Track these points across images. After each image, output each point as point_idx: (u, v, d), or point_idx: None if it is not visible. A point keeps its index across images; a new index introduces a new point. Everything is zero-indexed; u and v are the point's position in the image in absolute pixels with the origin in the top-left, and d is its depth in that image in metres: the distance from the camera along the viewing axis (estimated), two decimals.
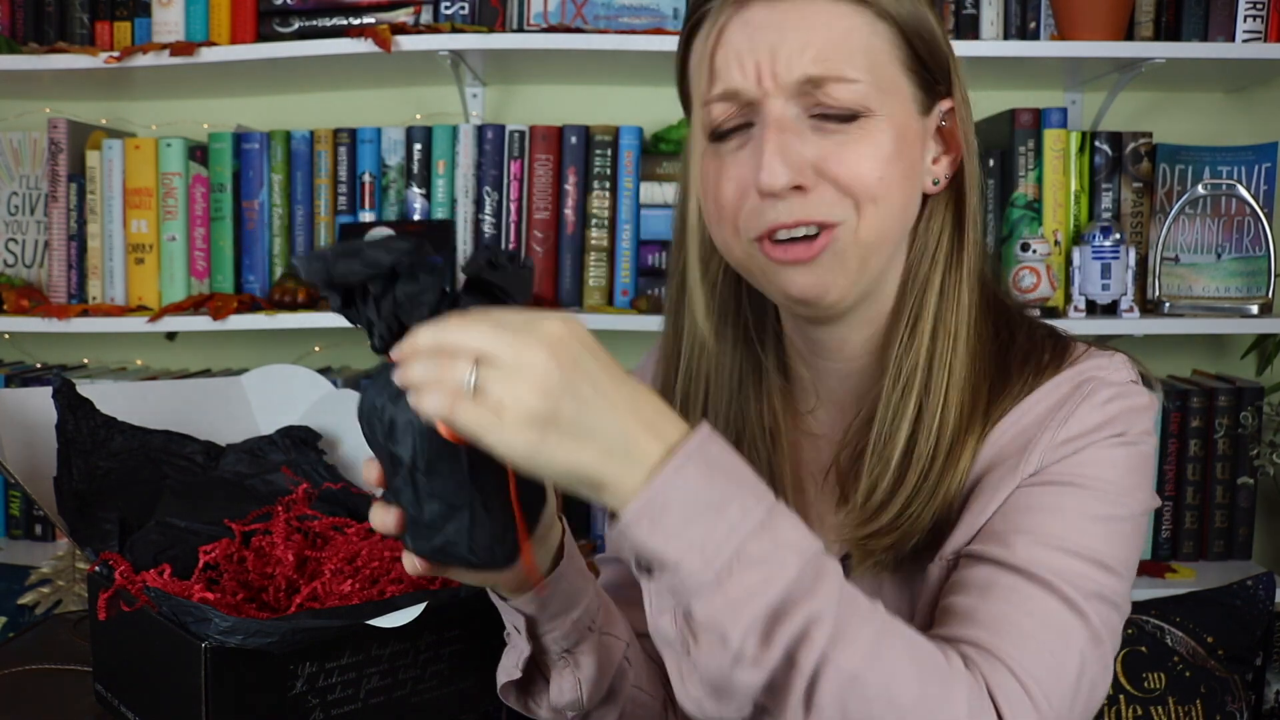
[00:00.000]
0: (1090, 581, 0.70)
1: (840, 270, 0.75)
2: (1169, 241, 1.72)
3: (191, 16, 1.74)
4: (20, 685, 1.08)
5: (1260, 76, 1.82)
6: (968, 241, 0.78)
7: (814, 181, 0.72)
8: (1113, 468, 0.73)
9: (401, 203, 1.80)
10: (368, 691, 0.93)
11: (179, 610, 0.87)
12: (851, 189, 0.72)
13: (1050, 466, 0.74)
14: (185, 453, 1.14)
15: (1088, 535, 0.71)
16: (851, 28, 0.72)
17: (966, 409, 0.76)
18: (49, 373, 1.87)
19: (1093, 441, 0.74)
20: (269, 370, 1.34)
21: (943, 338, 0.77)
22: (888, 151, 0.73)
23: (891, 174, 0.73)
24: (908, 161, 0.74)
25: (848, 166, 0.72)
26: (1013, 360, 0.79)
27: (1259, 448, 1.72)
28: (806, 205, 0.73)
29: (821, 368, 0.84)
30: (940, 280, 0.78)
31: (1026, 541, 0.71)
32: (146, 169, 1.78)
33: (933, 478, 0.75)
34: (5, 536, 1.84)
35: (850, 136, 0.72)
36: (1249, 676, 1.58)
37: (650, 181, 1.75)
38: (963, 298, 0.77)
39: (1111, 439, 0.74)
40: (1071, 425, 0.74)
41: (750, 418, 0.85)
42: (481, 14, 1.75)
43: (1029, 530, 0.71)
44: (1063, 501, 0.72)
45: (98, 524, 1.00)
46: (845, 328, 0.81)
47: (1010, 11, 1.74)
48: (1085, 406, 0.74)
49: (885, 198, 0.73)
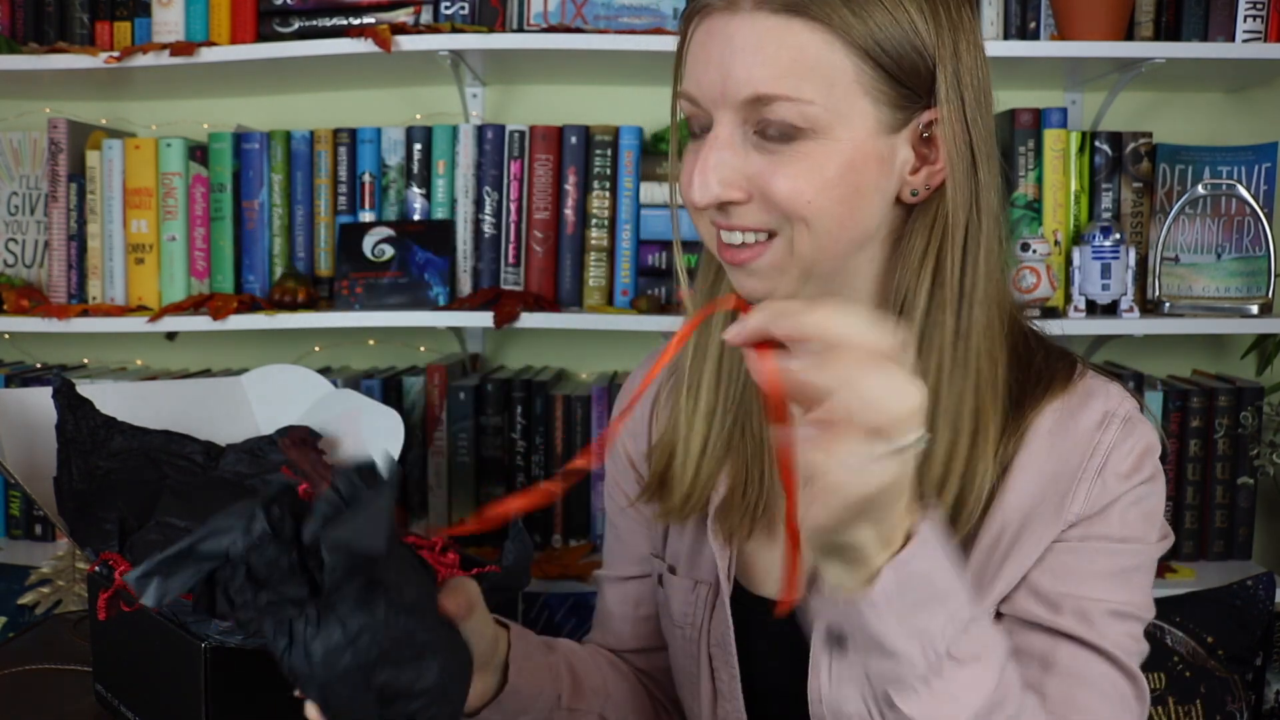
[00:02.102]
0: (1133, 641, 0.76)
1: (780, 278, 0.75)
2: (1169, 241, 1.72)
3: (191, 16, 1.74)
4: (20, 685, 1.08)
5: (1260, 76, 1.82)
6: (947, 260, 0.75)
7: (748, 195, 0.73)
8: (1144, 518, 0.77)
9: (401, 203, 1.79)
10: None
11: (179, 610, 0.87)
12: (781, 208, 0.72)
13: (1089, 519, 0.76)
14: (185, 453, 1.14)
15: (1127, 590, 0.76)
16: (803, 45, 0.70)
17: (960, 435, 0.75)
18: (49, 373, 1.87)
19: (1126, 491, 0.76)
20: (269, 370, 1.34)
21: (927, 357, 0.75)
22: (827, 175, 0.71)
23: (826, 197, 0.71)
24: (854, 184, 0.72)
25: (779, 185, 0.71)
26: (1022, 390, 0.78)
27: (1259, 448, 1.72)
28: (743, 215, 0.74)
29: None
30: (926, 298, 0.75)
31: (1077, 607, 0.75)
32: (146, 169, 1.78)
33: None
34: (5, 536, 1.84)
35: (786, 156, 0.71)
36: (1249, 676, 1.58)
37: (650, 181, 1.75)
38: (947, 320, 0.75)
39: (1140, 486, 0.77)
40: (1108, 477, 0.76)
41: (750, 399, 0.85)
42: (481, 14, 1.75)
43: (1078, 594, 0.75)
44: (1104, 562, 0.76)
45: (98, 524, 1.00)
46: None
47: (1010, 11, 1.74)
48: (1117, 455, 0.76)
49: (816, 219, 0.72)
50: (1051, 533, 0.75)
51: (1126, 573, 0.76)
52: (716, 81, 0.72)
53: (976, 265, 0.75)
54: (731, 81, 0.71)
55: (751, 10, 0.70)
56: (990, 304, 0.76)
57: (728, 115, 0.72)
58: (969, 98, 0.74)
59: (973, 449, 0.75)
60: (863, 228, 0.75)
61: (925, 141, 0.75)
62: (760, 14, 0.70)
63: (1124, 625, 0.75)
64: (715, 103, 0.73)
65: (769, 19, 0.70)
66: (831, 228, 0.73)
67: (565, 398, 1.76)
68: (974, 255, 0.75)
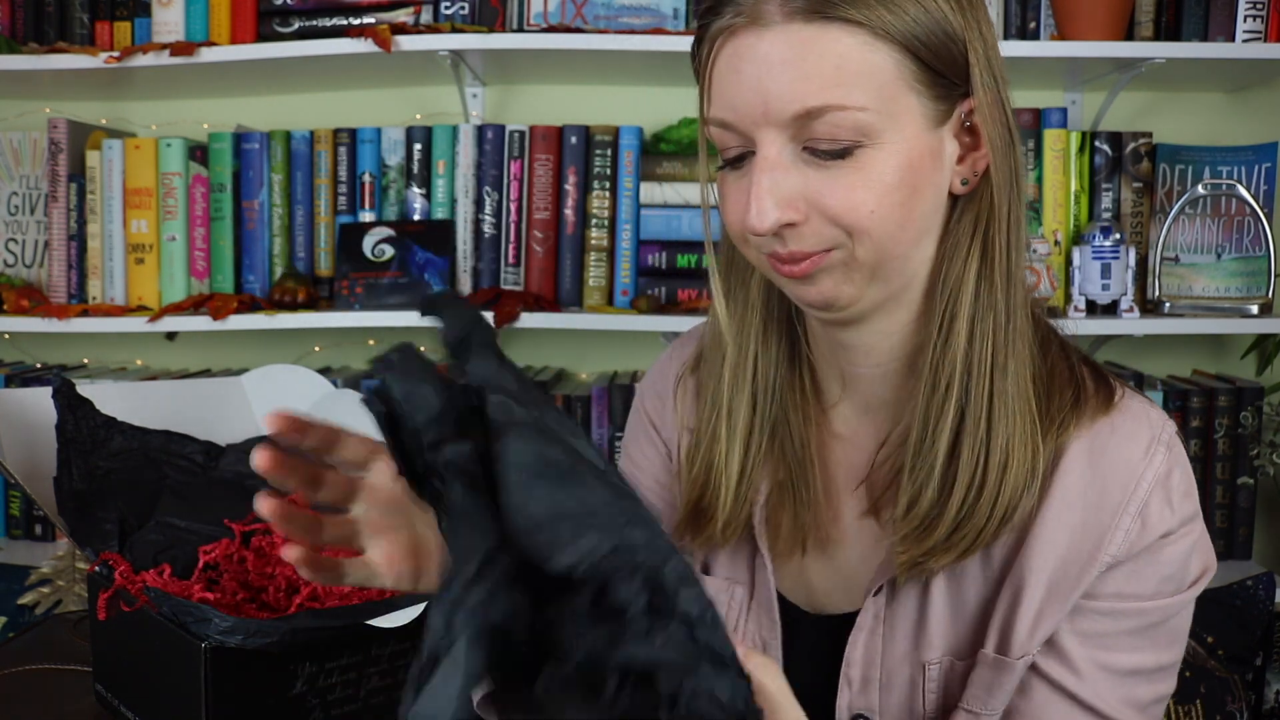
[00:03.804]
0: (1159, 701, 0.75)
1: (845, 280, 0.73)
2: (1169, 241, 1.72)
3: (191, 16, 1.74)
4: (20, 685, 1.08)
5: (1260, 76, 1.82)
6: (995, 241, 0.74)
7: (806, 214, 0.70)
8: (1182, 558, 0.75)
9: (401, 203, 1.79)
10: (368, 691, 0.93)
11: (179, 610, 0.87)
12: (842, 222, 0.70)
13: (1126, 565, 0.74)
14: (185, 453, 1.14)
15: (1157, 648, 0.75)
16: (845, 52, 0.67)
17: (1016, 417, 0.73)
18: (49, 373, 1.87)
19: (1167, 535, 0.74)
20: (269, 370, 1.34)
21: (980, 341, 0.74)
22: (888, 181, 0.69)
23: (888, 203, 0.70)
24: (912, 185, 0.71)
25: (839, 200, 0.69)
26: (1056, 374, 0.77)
27: (1259, 448, 1.72)
28: (801, 238, 0.71)
29: (849, 371, 0.82)
30: (974, 281, 0.74)
31: (1101, 678, 0.74)
32: (146, 169, 1.78)
33: (988, 490, 0.73)
34: (5, 536, 1.84)
35: (842, 170, 0.69)
36: (1249, 676, 1.58)
37: (650, 181, 1.75)
38: (998, 300, 0.74)
39: (1182, 529, 0.75)
40: (1151, 515, 0.74)
41: (788, 406, 0.83)
42: (481, 14, 1.75)
43: (1103, 665, 0.74)
44: (1132, 624, 0.74)
45: (98, 524, 1.00)
46: (870, 332, 0.79)
47: (1010, 11, 1.74)
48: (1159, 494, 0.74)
49: (879, 227, 0.70)
50: (1090, 573, 0.73)
51: (1155, 626, 0.74)
52: (756, 103, 0.69)
53: (1019, 245, 0.75)
54: (774, 100, 0.68)
55: (783, 22, 0.67)
56: (1024, 283, 0.76)
57: (772, 135, 0.69)
58: (999, 78, 0.73)
59: (1026, 431, 0.74)
60: (922, 225, 0.74)
61: (967, 130, 0.74)
62: (793, 24, 0.67)
63: (1149, 688, 0.75)
64: (756, 124, 0.69)
65: (803, 28, 0.67)
66: (893, 231, 0.71)
67: (565, 398, 1.76)
68: (1016, 235, 0.75)
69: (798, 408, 0.83)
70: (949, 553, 0.74)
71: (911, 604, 0.78)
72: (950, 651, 0.77)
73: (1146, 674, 0.75)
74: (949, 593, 0.77)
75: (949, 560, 0.74)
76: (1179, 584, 0.75)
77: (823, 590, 0.83)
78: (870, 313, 0.76)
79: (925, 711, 0.78)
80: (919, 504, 0.74)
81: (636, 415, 0.97)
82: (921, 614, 0.78)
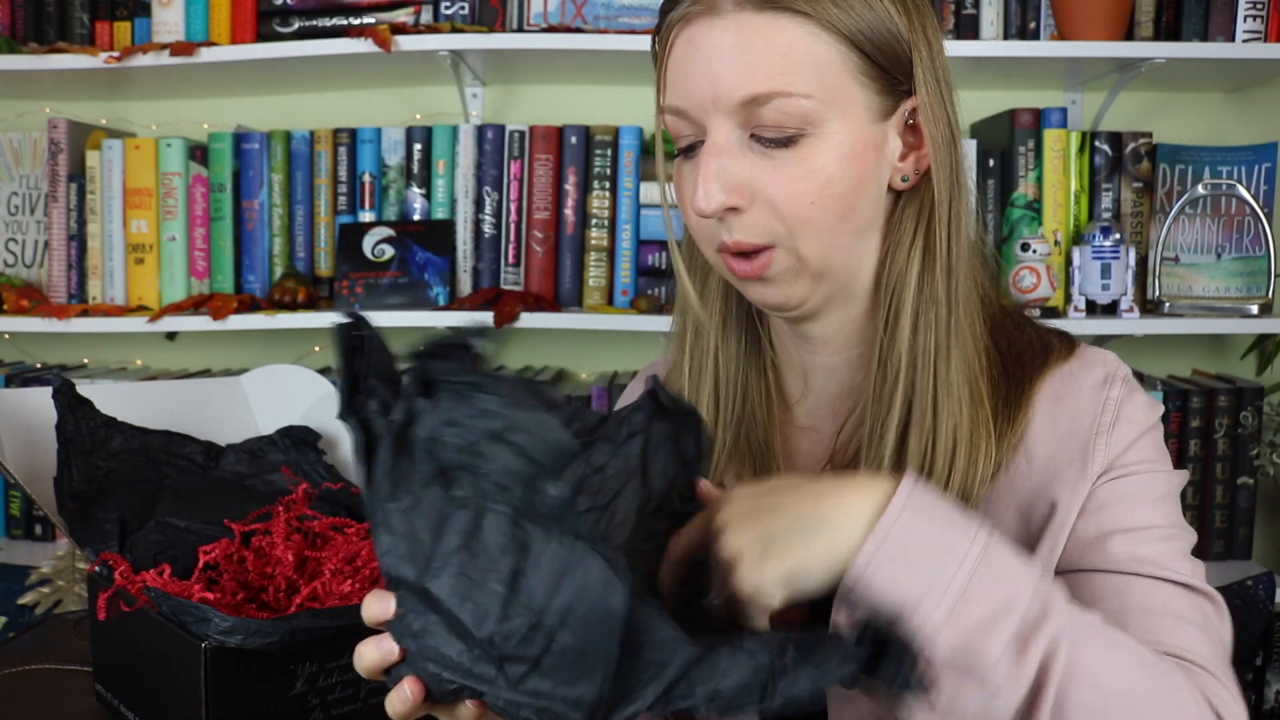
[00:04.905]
0: (1189, 562, 0.74)
1: (793, 283, 0.75)
2: (1169, 241, 1.72)
3: (191, 16, 1.74)
4: (20, 685, 1.08)
5: (1260, 76, 1.82)
6: (937, 235, 0.77)
7: (749, 201, 0.73)
8: (1158, 451, 0.78)
9: (401, 203, 1.79)
10: (368, 691, 0.93)
11: (179, 610, 0.87)
12: (782, 214, 0.72)
13: (1115, 463, 0.76)
14: (185, 453, 1.14)
15: (1166, 514, 0.76)
16: (792, 41, 0.70)
17: (963, 406, 0.76)
18: (49, 373, 1.87)
19: (1143, 433, 0.77)
20: (269, 370, 1.34)
21: (924, 331, 0.76)
22: (829, 172, 0.72)
23: (828, 194, 0.72)
24: (854, 177, 0.73)
25: (780, 190, 0.72)
26: (1016, 359, 0.79)
27: (1259, 448, 1.72)
28: (743, 226, 0.73)
29: (809, 360, 0.85)
30: (917, 274, 0.77)
31: (1130, 542, 0.74)
32: (146, 169, 1.78)
33: (935, 476, 0.75)
34: (5, 536, 1.84)
35: (786, 159, 0.72)
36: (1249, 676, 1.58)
37: (650, 181, 1.75)
38: (939, 293, 0.76)
39: (1153, 430, 0.78)
40: (1123, 426, 0.77)
41: (751, 403, 0.85)
42: (481, 14, 1.75)
43: (1127, 528, 0.74)
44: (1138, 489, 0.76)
45: (98, 524, 1.00)
46: (826, 324, 0.81)
47: (1010, 11, 1.74)
48: (1129, 406, 0.77)
49: (818, 220, 0.72)
50: (1083, 489, 0.75)
51: (1163, 497, 0.76)
52: (706, 89, 0.71)
53: (960, 240, 0.77)
54: (723, 86, 0.71)
55: (734, 11, 0.70)
56: (970, 276, 0.79)
57: (721, 121, 0.72)
58: (943, 81, 0.76)
59: (974, 418, 0.76)
60: (863, 219, 0.76)
61: (910, 129, 0.77)
62: (744, 14, 0.70)
63: (1177, 546, 0.75)
64: (707, 110, 0.72)
65: (753, 17, 0.70)
66: (832, 223, 0.73)
67: (565, 398, 1.76)
68: (958, 230, 0.77)
69: (762, 405, 0.85)
70: None
71: None
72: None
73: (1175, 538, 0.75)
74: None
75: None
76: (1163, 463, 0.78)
77: None
78: (823, 307, 0.79)
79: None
80: None
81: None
82: None
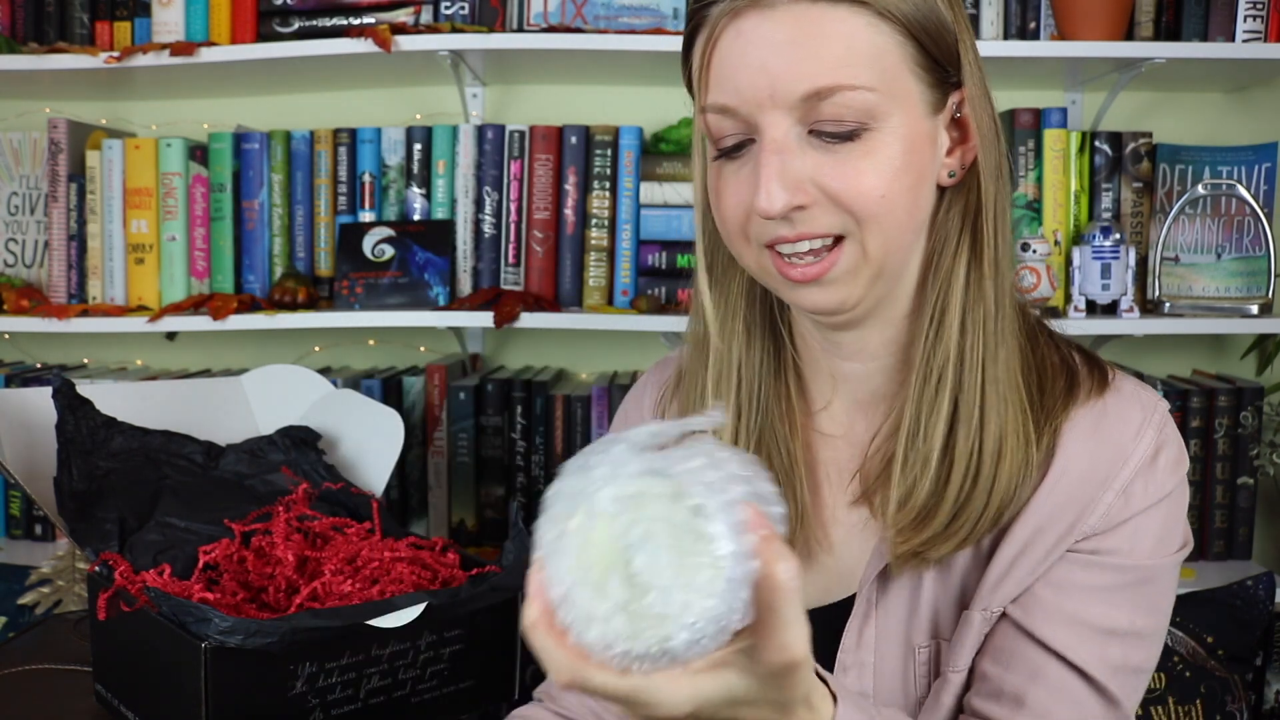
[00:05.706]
0: (1127, 664, 0.75)
1: (853, 284, 0.73)
2: (1169, 241, 1.72)
3: (191, 16, 1.74)
4: (20, 685, 1.08)
5: (1260, 76, 1.82)
6: (984, 232, 0.75)
7: (814, 197, 0.70)
8: (1161, 528, 0.76)
9: (401, 203, 1.79)
10: (368, 691, 0.93)
11: (179, 610, 0.87)
12: (851, 208, 0.70)
13: (1104, 533, 0.75)
14: (185, 453, 1.14)
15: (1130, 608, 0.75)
16: (852, 32, 0.67)
17: (1008, 405, 0.74)
18: (49, 373, 1.87)
19: (1147, 508, 0.75)
20: (269, 370, 1.34)
21: (971, 331, 0.74)
22: (895, 165, 0.69)
23: (896, 188, 0.70)
24: (916, 170, 0.71)
25: (848, 184, 0.69)
26: (1048, 360, 0.78)
27: (1259, 448, 1.72)
28: (809, 220, 0.70)
29: (840, 368, 0.82)
30: (964, 273, 0.75)
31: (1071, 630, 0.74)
32: (146, 169, 1.78)
33: (983, 478, 0.73)
34: (5, 536, 1.84)
35: (850, 153, 0.69)
36: (1249, 676, 1.58)
37: (650, 181, 1.75)
38: (988, 291, 0.74)
39: (1163, 502, 0.76)
40: (1133, 494, 0.75)
41: (773, 414, 0.83)
42: (481, 14, 1.75)
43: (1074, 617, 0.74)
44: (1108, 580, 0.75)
45: (98, 524, 1.00)
46: (865, 329, 0.79)
47: (1010, 11, 1.74)
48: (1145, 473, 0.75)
49: (888, 213, 0.70)
50: (1065, 542, 0.74)
51: (1133, 587, 0.75)
52: (762, 85, 0.68)
53: (1005, 235, 0.76)
54: (781, 81, 0.67)
55: (788, 3, 0.67)
56: (1011, 274, 0.77)
57: (779, 118, 0.69)
58: (983, 72, 0.75)
59: (1020, 420, 0.75)
60: (924, 215, 0.74)
61: (954, 124, 0.75)
62: (799, 5, 0.67)
63: (1119, 648, 0.74)
64: (761, 107, 0.69)
65: (810, 9, 0.67)
66: (902, 218, 0.71)
67: (565, 398, 1.76)
68: (1003, 226, 0.76)
69: (784, 417, 0.83)
70: (948, 542, 0.75)
71: (904, 591, 0.79)
72: (938, 634, 0.78)
73: (1121, 635, 0.75)
74: (939, 578, 0.78)
75: (948, 550, 0.75)
76: (1158, 547, 0.76)
77: (813, 586, 0.83)
78: (870, 312, 0.77)
79: (916, 693, 0.79)
80: (915, 495, 0.75)
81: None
82: (913, 599, 0.78)
